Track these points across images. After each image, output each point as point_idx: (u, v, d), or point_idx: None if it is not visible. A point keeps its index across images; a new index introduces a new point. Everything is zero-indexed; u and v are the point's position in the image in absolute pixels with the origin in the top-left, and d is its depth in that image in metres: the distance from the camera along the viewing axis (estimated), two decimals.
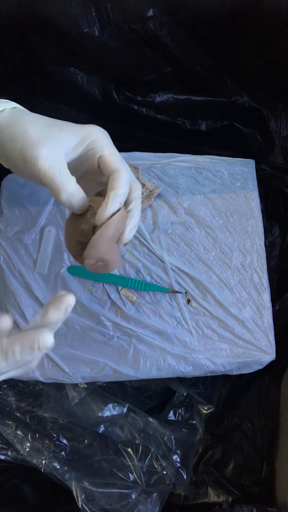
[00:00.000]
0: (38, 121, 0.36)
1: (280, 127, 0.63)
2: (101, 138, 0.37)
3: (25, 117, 0.36)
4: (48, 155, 0.33)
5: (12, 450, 0.60)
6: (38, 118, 0.37)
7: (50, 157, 0.34)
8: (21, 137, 0.34)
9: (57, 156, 0.34)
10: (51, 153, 0.34)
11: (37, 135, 0.34)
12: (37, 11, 0.50)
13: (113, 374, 0.51)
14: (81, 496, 0.54)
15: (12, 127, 0.35)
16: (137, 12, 0.51)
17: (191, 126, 0.64)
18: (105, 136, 0.38)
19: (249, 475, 0.63)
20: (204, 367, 0.51)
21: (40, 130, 0.35)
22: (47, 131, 0.35)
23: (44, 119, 0.37)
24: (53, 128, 0.36)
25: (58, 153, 0.34)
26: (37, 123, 0.36)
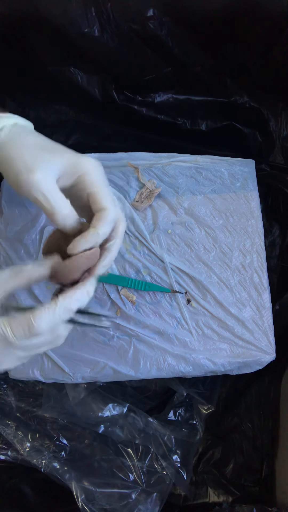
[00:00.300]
0: (34, 143, 0.37)
1: (280, 127, 0.63)
2: (92, 172, 0.37)
3: (22, 140, 0.37)
4: (42, 180, 0.35)
5: (12, 450, 0.60)
6: (35, 140, 0.38)
7: (43, 181, 0.35)
8: (17, 161, 0.35)
9: (50, 181, 0.35)
10: (44, 178, 0.35)
11: (32, 160, 0.35)
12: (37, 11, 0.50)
13: (113, 374, 0.51)
14: (81, 496, 0.54)
15: (9, 149, 0.36)
16: (137, 12, 0.51)
17: (191, 126, 0.64)
18: (96, 171, 0.38)
19: (249, 475, 0.63)
20: (204, 367, 0.51)
21: (35, 155, 0.36)
22: (41, 156, 0.36)
23: (41, 141, 0.38)
24: (48, 152, 0.36)
25: (51, 178, 0.35)
26: (33, 146, 0.37)
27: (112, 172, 0.55)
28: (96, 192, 0.37)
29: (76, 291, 0.34)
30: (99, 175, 0.38)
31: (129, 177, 0.55)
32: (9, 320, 0.32)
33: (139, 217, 0.54)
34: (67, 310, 0.34)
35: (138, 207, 0.54)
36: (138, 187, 0.55)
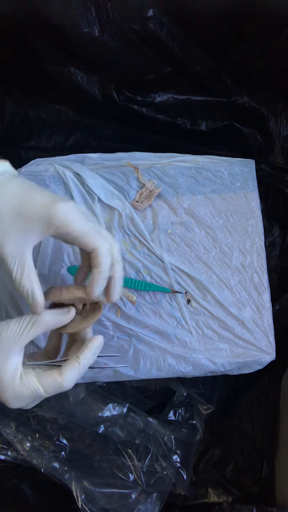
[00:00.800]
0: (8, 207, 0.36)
1: (280, 127, 0.63)
2: (67, 222, 0.36)
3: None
4: (10, 255, 0.36)
5: (12, 450, 0.59)
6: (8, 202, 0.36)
7: (13, 254, 0.36)
8: None
9: (22, 252, 0.36)
10: (15, 250, 0.36)
11: (3, 233, 0.35)
12: (37, 11, 0.50)
13: (113, 374, 0.51)
14: (81, 496, 0.54)
15: None
16: (137, 12, 0.51)
17: (191, 126, 0.64)
18: (71, 216, 0.36)
19: (249, 475, 0.63)
20: (204, 367, 0.51)
21: (6, 225, 0.35)
22: (12, 223, 0.35)
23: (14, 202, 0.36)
24: (19, 218, 0.36)
25: (23, 248, 0.36)
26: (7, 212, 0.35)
27: (112, 172, 0.55)
28: (79, 237, 0.37)
29: (93, 345, 0.38)
30: (76, 217, 0.37)
31: (129, 177, 0.55)
32: (40, 380, 0.36)
33: (139, 217, 0.54)
34: (88, 364, 0.38)
35: (138, 207, 0.54)
36: (138, 187, 0.55)
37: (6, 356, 0.35)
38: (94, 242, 0.37)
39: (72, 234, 0.36)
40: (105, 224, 0.54)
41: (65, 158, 0.57)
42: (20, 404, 0.37)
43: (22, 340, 0.36)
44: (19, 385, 0.35)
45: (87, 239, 0.37)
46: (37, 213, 0.36)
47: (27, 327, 0.36)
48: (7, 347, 0.35)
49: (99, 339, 0.39)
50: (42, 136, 0.68)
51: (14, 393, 0.35)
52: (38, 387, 0.35)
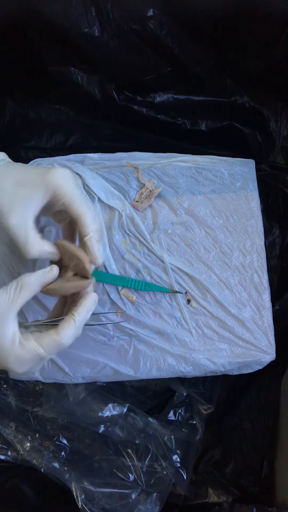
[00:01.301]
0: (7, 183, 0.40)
1: (280, 127, 0.63)
2: (62, 184, 0.40)
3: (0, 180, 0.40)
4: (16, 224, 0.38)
5: (12, 450, 0.60)
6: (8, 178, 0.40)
7: (18, 224, 0.39)
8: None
9: (25, 221, 0.39)
10: (19, 221, 0.39)
11: (7, 203, 0.38)
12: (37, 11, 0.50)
13: (113, 374, 0.51)
14: (81, 496, 0.54)
15: None
16: (137, 12, 0.51)
17: (191, 126, 0.64)
18: (67, 181, 0.41)
19: (249, 475, 0.63)
20: (204, 367, 0.51)
21: (9, 197, 0.39)
22: (15, 195, 0.39)
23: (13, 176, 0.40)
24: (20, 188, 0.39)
25: (26, 218, 0.39)
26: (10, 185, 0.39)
27: (112, 172, 0.55)
28: (68, 202, 0.40)
29: (86, 302, 0.40)
30: (70, 183, 0.41)
31: (129, 177, 0.55)
32: (39, 342, 0.37)
33: (139, 217, 0.54)
34: (84, 320, 0.40)
35: (138, 207, 0.54)
36: (138, 187, 0.55)
37: (1, 325, 0.37)
38: (78, 209, 0.41)
39: (65, 197, 0.40)
40: (105, 224, 0.54)
41: (65, 158, 0.57)
42: (24, 368, 0.38)
43: (13, 307, 0.37)
44: (20, 349, 0.37)
45: (75, 206, 0.41)
46: (35, 180, 0.40)
47: (15, 292, 0.37)
48: (1, 317, 0.37)
49: (93, 296, 0.40)
50: (42, 136, 0.68)
51: (17, 359, 0.37)
52: (38, 348, 0.37)
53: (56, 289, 0.41)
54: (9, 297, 0.37)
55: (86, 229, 0.41)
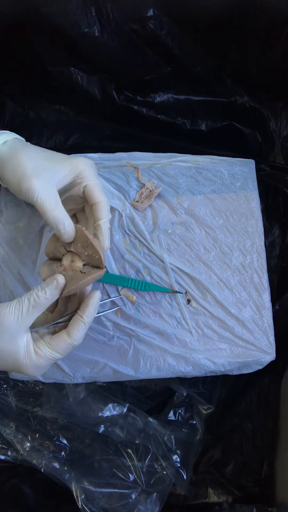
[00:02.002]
0: (35, 154, 0.42)
1: (280, 127, 0.63)
2: (87, 169, 0.44)
3: (24, 150, 0.42)
4: (41, 186, 0.40)
5: (12, 450, 0.60)
6: (36, 151, 0.43)
7: (43, 187, 0.40)
8: (20, 169, 0.40)
9: (49, 187, 0.41)
10: (44, 184, 0.40)
11: (33, 168, 0.40)
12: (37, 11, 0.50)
13: (113, 374, 0.51)
14: (81, 496, 0.54)
15: (12, 159, 0.41)
16: (137, 12, 0.51)
17: (191, 126, 0.64)
18: (91, 168, 0.44)
19: (249, 475, 0.63)
20: (204, 367, 0.51)
21: (36, 164, 0.41)
22: (42, 164, 0.41)
23: (41, 152, 0.43)
24: (48, 161, 0.42)
25: (50, 184, 0.41)
26: (34, 157, 0.42)
27: (112, 172, 0.55)
28: (92, 185, 0.44)
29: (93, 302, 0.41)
30: (94, 171, 0.45)
31: (129, 177, 0.55)
32: (53, 347, 0.39)
33: (139, 217, 0.54)
34: (91, 320, 0.41)
35: (138, 207, 0.54)
36: (138, 187, 0.55)
37: (14, 340, 0.38)
38: (100, 196, 0.44)
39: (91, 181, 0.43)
40: None
41: None
42: (42, 371, 0.41)
43: (25, 323, 0.38)
44: (36, 359, 0.39)
45: (96, 191, 0.43)
46: (63, 159, 0.43)
47: (28, 311, 0.38)
48: (13, 333, 0.38)
49: (97, 295, 0.41)
50: (42, 136, 0.68)
51: (35, 366, 0.39)
52: (52, 353, 0.39)
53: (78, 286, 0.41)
54: (21, 315, 0.38)
55: (103, 214, 0.44)
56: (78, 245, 0.42)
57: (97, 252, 0.41)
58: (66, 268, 0.42)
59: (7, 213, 0.54)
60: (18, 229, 0.54)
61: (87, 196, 0.44)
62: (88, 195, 0.44)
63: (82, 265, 0.42)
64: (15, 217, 0.54)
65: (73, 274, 0.41)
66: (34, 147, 0.44)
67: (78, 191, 0.44)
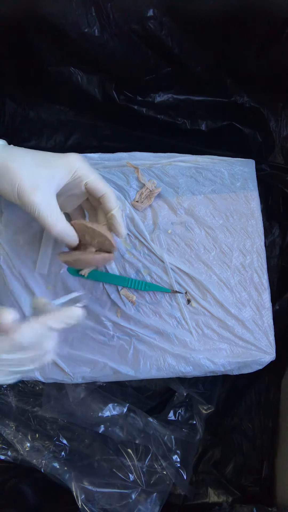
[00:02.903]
0: (27, 161, 0.40)
1: (280, 127, 0.63)
2: (82, 166, 0.43)
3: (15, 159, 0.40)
4: (41, 200, 0.39)
5: (12, 450, 0.60)
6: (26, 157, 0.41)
7: (43, 201, 0.39)
8: (16, 183, 0.39)
9: (49, 198, 0.40)
10: (44, 197, 0.40)
11: (31, 180, 0.39)
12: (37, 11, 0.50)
13: (113, 374, 0.51)
14: (81, 496, 0.54)
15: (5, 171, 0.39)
16: (137, 12, 0.51)
17: (191, 126, 0.64)
18: (85, 163, 0.43)
19: (249, 475, 0.63)
20: (204, 367, 0.51)
21: (32, 173, 0.40)
22: (38, 173, 0.40)
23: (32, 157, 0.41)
24: (42, 167, 0.41)
25: (50, 194, 0.40)
26: (27, 164, 0.40)
27: (112, 172, 0.55)
28: (93, 180, 0.43)
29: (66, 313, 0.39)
30: (88, 165, 0.43)
31: (129, 177, 0.55)
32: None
33: (139, 217, 0.54)
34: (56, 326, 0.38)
35: (138, 207, 0.54)
36: (138, 187, 0.55)
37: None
38: (105, 187, 0.44)
39: (87, 177, 0.42)
40: None
41: None
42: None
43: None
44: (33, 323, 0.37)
45: (100, 184, 0.43)
46: (55, 161, 0.42)
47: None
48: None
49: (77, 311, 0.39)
50: (42, 136, 0.68)
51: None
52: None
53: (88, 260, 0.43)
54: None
55: (112, 204, 0.44)
56: (85, 237, 0.44)
57: (105, 236, 0.43)
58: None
59: (8, 214, 0.54)
60: (18, 229, 0.54)
61: (91, 192, 0.44)
62: (92, 191, 0.44)
63: (95, 251, 0.44)
64: (15, 218, 0.54)
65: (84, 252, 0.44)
66: (22, 151, 0.42)
67: (79, 189, 0.44)
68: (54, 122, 0.67)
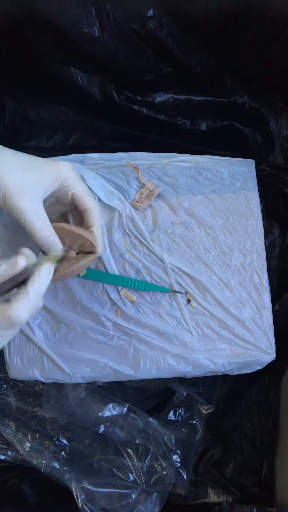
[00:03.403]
0: (16, 164, 0.39)
1: (280, 127, 0.63)
2: (71, 176, 0.42)
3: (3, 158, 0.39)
4: (28, 205, 0.38)
5: (12, 450, 0.60)
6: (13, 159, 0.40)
7: (30, 206, 0.39)
8: (2, 186, 0.38)
9: (36, 203, 0.39)
10: (30, 202, 0.39)
11: (17, 185, 0.38)
12: (37, 11, 0.50)
13: (113, 374, 0.51)
14: (81, 496, 0.54)
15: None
16: (137, 12, 0.51)
17: (191, 126, 0.64)
18: (74, 173, 0.43)
19: (249, 475, 0.63)
20: (204, 367, 0.51)
21: (19, 177, 0.38)
22: (25, 177, 0.39)
23: (19, 160, 0.40)
24: (30, 172, 0.39)
25: (37, 199, 0.39)
26: (14, 167, 0.39)
27: (112, 172, 0.55)
28: (79, 193, 0.43)
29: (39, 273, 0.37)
30: (78, 176, 0.43)
31: (129, 177, 0.55)
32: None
33: (139, 217, 0.54)
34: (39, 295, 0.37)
35: (138, 207, 0.54)
36: (138, 187, 0.55)
37: None
38: (90, 202, 0.43)
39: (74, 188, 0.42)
40: (105, 224, 0.54)
41: (65, 158, 0.57)
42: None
43: None
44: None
45: (85, 198, 0.43)
46: (45, 167, 0.41)
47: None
48: None
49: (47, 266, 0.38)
50: (42, 136, 0.68)
51: None
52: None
53: (73, 271, 0.42)
54: None
55: (95, 220, 0.43)
56: (65, 240, 0.43)
57: (85, 239, 0.43)
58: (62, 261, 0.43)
59: (7, 214, 0.54)
60: (18, 229, 0.54)
61: (76, 203, 0.44)
62: (77, 203, 0.43)
63: (76, 254, 0.43)
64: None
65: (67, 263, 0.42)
66: (11, 154, 0.41)
67: (65, 198, 0.44)
68: (54, 122, 0.67)
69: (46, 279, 0.38)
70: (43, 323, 0.52)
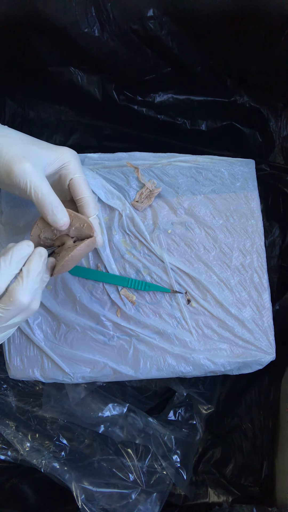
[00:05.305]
0: (19, 138, 0.40)
1: (280, 127, 0.63)
2: (73, 161, 0.42)
3: (7, 134, 0.40)
4: (33, 169, 0.37)
5: (12, 450, 0.60)
6: (18, 135, 0.40)
7: (35, 171, 0.38)
8: (7, 152, 0.37)
9: (39, 170, 0.38)
10: (34, 167, 0.38)
11: (21, 151, 0.38)
12: (37, 11, 0.50)
13: (113, 374, 0.51)
14: (81, 496, 0.54)
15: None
16: (137, 12, 0.51)
17: (191, 126, 0.64)
18: (76, 160, 0.42)
19: (249, 475, 0.63)
20: (204, 367, 0.51)
21: (23, 147, 0.38)
22: (28, 147, 0.39)
23: (24, 137, 0.41)
24: (33, 145, 0.40)
25: (39, 168, 0.39)
26: (19, 140, 0.39)
27: (112, 172, 0.55)
28: (77, 179, 0.42)
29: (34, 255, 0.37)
30: (79, 164, 0.43)
31: (129, 177, 0.55)
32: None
33: (139, 217, 0.54)
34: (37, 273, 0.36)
35: (138, 207, 0.54)
36: (138, 187, 0.55)
37: None
38: (86, 190, 0.42)
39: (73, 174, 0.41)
40: (105, 224, 0.54)
41: None
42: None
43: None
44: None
45: (82, 185, 0.42)
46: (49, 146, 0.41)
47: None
48: None
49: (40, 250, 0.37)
50: (42, 136, 0.68)
51: None
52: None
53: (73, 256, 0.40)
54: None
55: (91, 211, 0.43)
56: None
57: (83, 220, 0.41)
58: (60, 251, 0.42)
59: (7, 214, 0.54)
60: (18, 229, 0.54)
61: (72, 191, 0.42)
62: (73, 190, 0.42)
63: (73, 242, 0.42)
64: (15, 218, 0.54)
65: (65, 252, 0.41)
66: (14, 132, 0.41)
67: (62, 185, 0.42)
68: (54, 122, 0.67)
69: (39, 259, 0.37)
70: (43, 323, 0.52)
